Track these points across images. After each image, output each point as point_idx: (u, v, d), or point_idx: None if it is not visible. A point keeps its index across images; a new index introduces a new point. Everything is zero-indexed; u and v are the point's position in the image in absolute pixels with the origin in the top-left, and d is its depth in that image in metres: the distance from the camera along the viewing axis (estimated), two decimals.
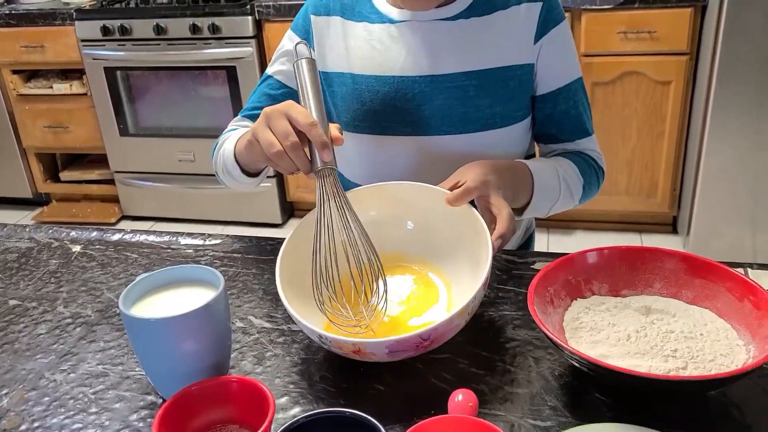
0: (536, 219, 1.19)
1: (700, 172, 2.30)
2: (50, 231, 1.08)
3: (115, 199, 3.00)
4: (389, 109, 0.97)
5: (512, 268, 0.90)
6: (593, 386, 0.69)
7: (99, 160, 3.00)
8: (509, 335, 0.78)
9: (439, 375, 0.73)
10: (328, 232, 0.75)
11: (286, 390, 0.72)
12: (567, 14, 2.30)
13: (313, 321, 0.72)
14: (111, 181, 2.96)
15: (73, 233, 1.06)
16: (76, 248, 1.02)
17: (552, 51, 0.97)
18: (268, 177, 2.77)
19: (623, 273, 0.76)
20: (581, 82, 1.02)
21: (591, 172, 1.02)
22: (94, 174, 3.02)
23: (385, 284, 0.77)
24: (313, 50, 1.01)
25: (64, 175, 3.07)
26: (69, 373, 0.76)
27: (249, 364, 0.77)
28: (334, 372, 0.75)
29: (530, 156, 1.08)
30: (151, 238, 1.04)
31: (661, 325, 0.69)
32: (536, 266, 0.90)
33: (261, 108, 0.86)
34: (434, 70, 0.95)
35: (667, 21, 2.25)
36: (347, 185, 1.06)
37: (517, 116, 0.99)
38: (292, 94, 1.02)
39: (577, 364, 0.65)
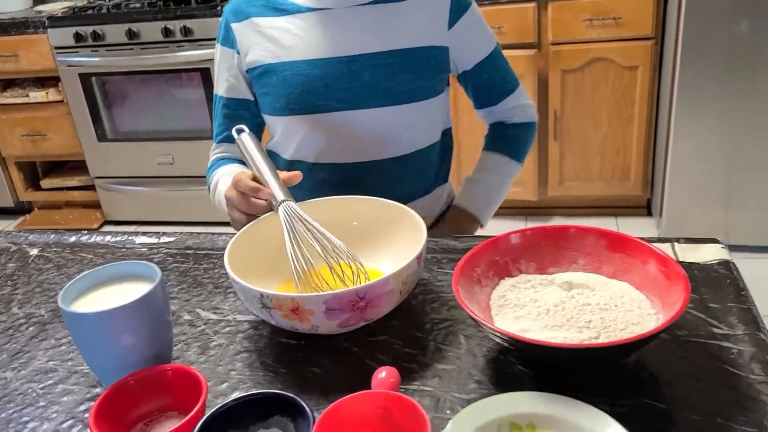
0: (507, 206, 1.41)
1: (669, 155, 2.33)
2: (9, 236, 1.10)
3: (96, 205, 3.02)
4: (320, 89, 1.05)
5: (450, 251, 0.93)
6: (517, 360, 0.72)
7: (79, 167, 3.02)
8: (443, 316, 0.81)
9: (374, 356, 0.76)
10: (297, 244, 0.83)
11: (227, 377, 0.75)
12: (533, 4, 2.33)
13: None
14: (92, 187, 2.98)
15: (31, 237, 1.09)
16: (34, 251, 1.05)
17: (466, 34, 1.10)
18: None
19: (549, 252, 0.79)
20: (498, 48, 1.15)
21: (521, 144, 1.21)
22: (75, 180, 3.04)
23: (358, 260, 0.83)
24: (238, 54, 1.10)
25: (45, 182, 3.09)
26: (19, 371, 0.79)
27: (193, 354, 0.79)
28: (274, 358, 0.77)
29: (447, 130, 1.20)
30: (107, 238, 1.07)
31: (580, 298, 0.72)
32: None
33: (228, 131, 1.12)
34: (359, 50, 1.04)
35: (632, 6, 2.28)
36: (291, 166, 1.14)
37: (437, 90, 1.10)
38: (247, 104, 1.13)
39: (498, 340, 0.68)
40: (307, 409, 0.62)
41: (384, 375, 0.65)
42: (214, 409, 0.63)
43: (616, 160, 2.53)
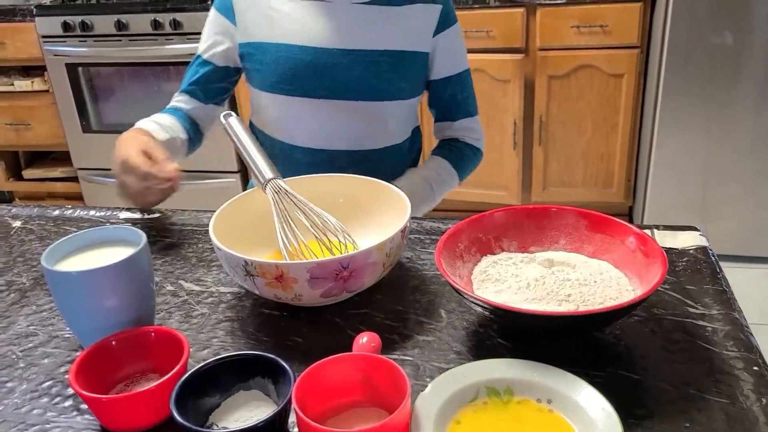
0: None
1: (651, 163, 2.37)
2: None
3: (79, 197, 3.00)
4: (310, 75, 1.09)
5: (434, 232, 0.95)
6: (496, 333, 0.73)
7: (62, 158, 3.00)
8: (426, 292, 0.82)
9: (355, 327, 0.76)
10: (286, 220, 0.84)
11: (208, 344, 0.75)
12: (522, 9, 2.37)
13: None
14: (75, 179, 2.96)
15: (14, 210, 1.08)
16: (17, 223, 1.04)
17: (445, 46, 1.17)
18: (231, 172, 2.79)
19: (531, 231, 0.80)
20: (468, 73, 1.23)
21: (466, 161, 1.25)
22: (58, 171, 3.02)
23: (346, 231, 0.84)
24: (235, 26, 1.13)
25: (28, 173, 3.06)
26: None
27: (175, 322, 0.79)
28: (256, 327, 0.78)
29: (416, 128, 1.26)
30: (91, 212, 1.06)
31: (560, 274, 0.73)
32: None
33: (196, 87, 1.21)
34: (353, 46, 1.08)
35: (618, 15, 2.32)
36: (269, 142, 1.18)
37: (415, 91, 1.18)
38: (226, 71, 1.18)
39: (478, 309, 0.69)
40: (288, 369, 0.62)
41: (365, 340, 0.66)
42: (194, 369, 0.63)
43: (599, 167, 2.57)
